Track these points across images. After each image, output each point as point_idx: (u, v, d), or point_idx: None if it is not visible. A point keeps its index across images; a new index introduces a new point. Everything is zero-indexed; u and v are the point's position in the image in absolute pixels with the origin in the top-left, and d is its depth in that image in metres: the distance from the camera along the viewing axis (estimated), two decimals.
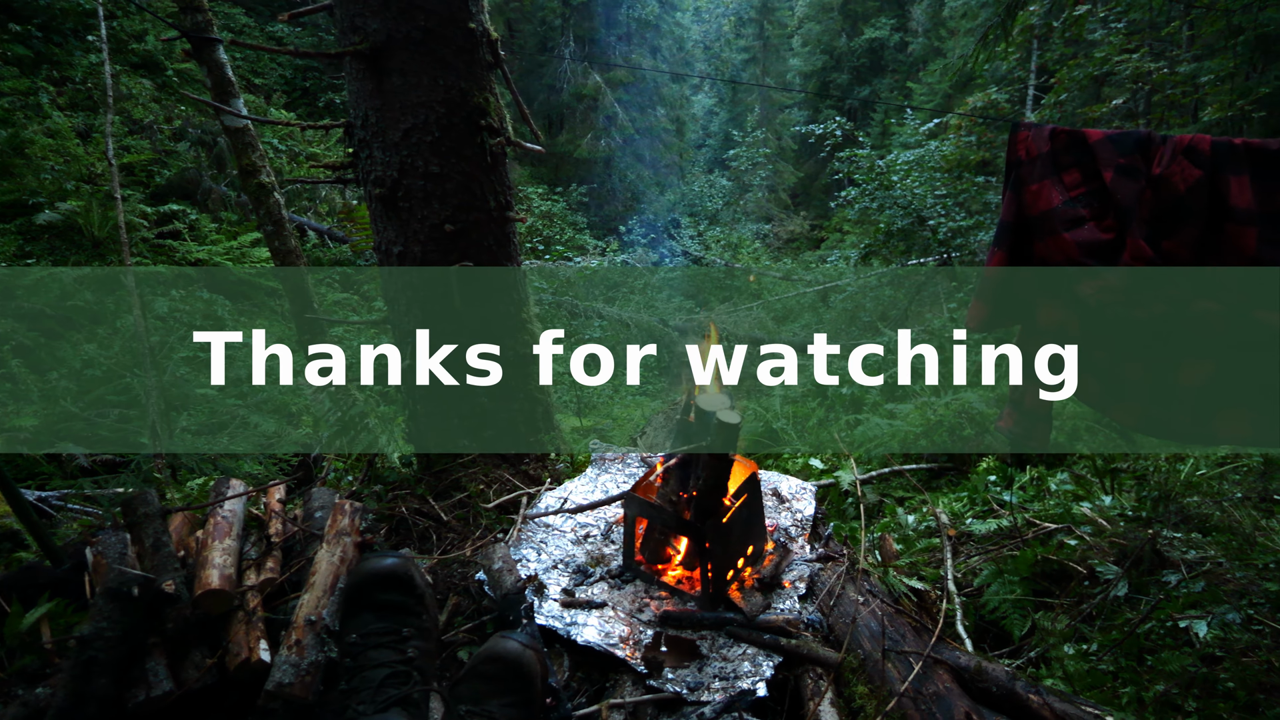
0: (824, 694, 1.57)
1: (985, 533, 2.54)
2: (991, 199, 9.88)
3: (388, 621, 1.50)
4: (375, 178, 2.06)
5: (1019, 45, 10.76)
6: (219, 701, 1.56)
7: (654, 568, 1.86)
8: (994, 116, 10.43)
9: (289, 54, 1.99)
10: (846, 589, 1.78)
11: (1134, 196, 1.73)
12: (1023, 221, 1.88)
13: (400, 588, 1.53)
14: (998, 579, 2.22)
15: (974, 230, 8.89)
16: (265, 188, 2.81)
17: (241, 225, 8.57)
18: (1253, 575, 2.08)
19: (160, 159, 8.70)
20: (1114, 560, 2.23)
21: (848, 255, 12.03)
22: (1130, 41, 8.86)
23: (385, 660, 1.43)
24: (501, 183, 2.12)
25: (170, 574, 1.62)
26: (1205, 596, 2.00)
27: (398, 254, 2.09)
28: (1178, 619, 1.94)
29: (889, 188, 9.59)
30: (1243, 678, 1.74)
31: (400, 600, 1.52)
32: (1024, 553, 2.27)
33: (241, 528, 1.80)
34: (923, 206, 9.20)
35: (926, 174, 9.64)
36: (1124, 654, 1.89)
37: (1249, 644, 1.82)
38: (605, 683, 1.63)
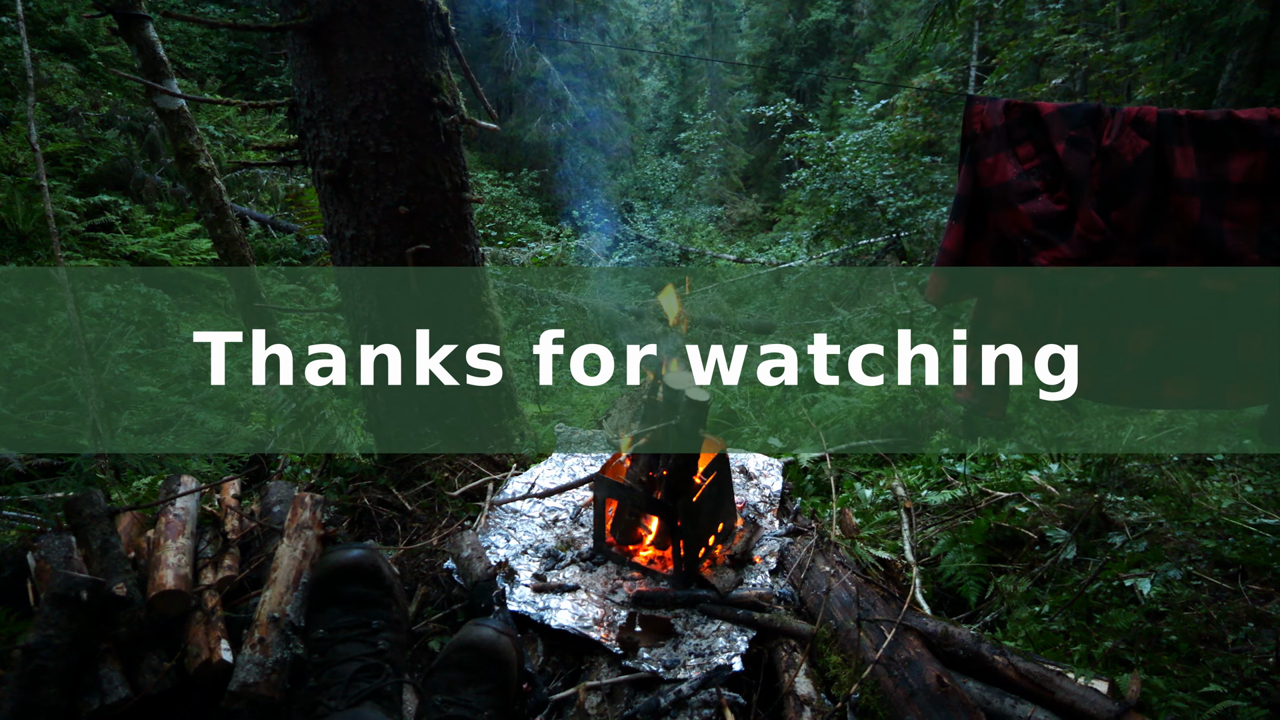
0: (799, 666, 1.58)
1: (940, 503, 2.59)
2: (938, 179, 10.09)
3: (355, 615, 1.46)
4: (324, 158, 1.98)
5: (961, 26, 10.95)
6: (179, 706, 1.50)
7: (625, 549, 1.85)
8: (952, 93, 10.62)
9: (227, 27, 1.89)
10: (817, 562, 1.80)
11: (1085, 168, 1.77)
12: (979, 194, 1.90)
13: (366, 579, 1.49)
14: (954, 548, 2.27)
15: (922, 210, 9.06)
16: (204, 173, 2.69)
17: (179, 216, 8.21)
18: (1190, 534, 2.19)
19: (88, 147, 8.26)
20: (1063, 525, 2.32)
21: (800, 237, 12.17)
22: (1068, 22, 9.09)
23: (355, 654, 1.38)
24: (456, 163, 2.05)
25: (121, 576, 1.55)
26: (1148, 556, 2.10)
27: (350, 238, 2.02)
28: (1123, 578, 2.03)
29: (839, 169, 9.70)
30: (1184, 630, 1.83)
31: (367, 592, 1.48)
32: (978, 521, 2.33)
33: (195, 526, 1.72)
34: (872, 187, 9.34)
35: (875, 155, 9.78)
36: (1074, 614, 1.96)
37: (1189, 599, 1.93)
38: (581, 665, 1.62)
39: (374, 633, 1.43)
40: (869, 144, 10.06)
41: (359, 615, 1.45)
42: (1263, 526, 2.20)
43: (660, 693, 1.50)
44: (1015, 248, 1.87)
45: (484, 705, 1.37)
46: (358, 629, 1.43)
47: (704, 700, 1.49)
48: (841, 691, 1.55)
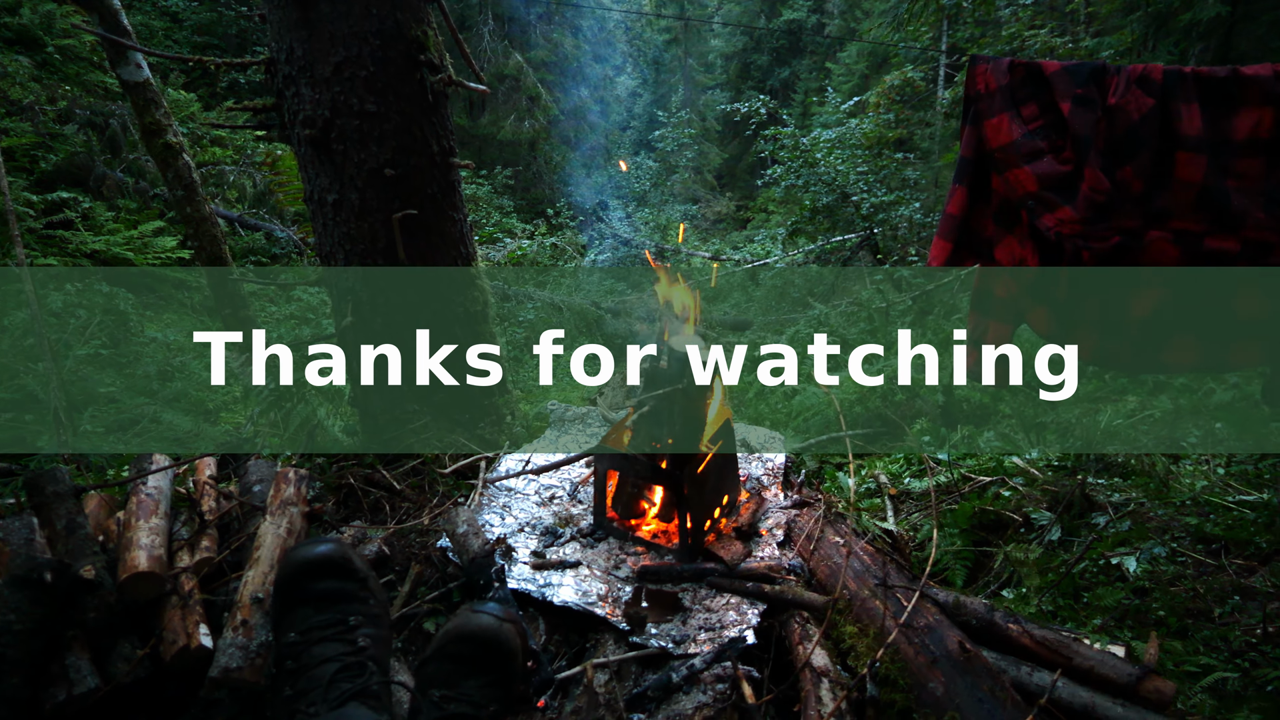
0: (814, 638, 1.52)
1: (923, 489, 2.58)
2: (910, 175, 10.19)
3: (330, 613, 1.31)
4: (304, 118, 1.87)
5: (931, 25, 11.06)
6: (155, 696, 1.40)
7: (627, 524, 1.77)
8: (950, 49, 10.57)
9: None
10: (826, 533, 1.74)
11: (1090, 126, 1.74)
12: (982, 156, 1.86)
13: (338, 573, 1.35)
14: (939, 532, 2.24)
15: (895, 205, 9.14)
16: (173, 148, 2.55)
17: (142, 214, 7.96)
18: (1172, 513, 2.22)
19: (45, 142, 7.98)
20: (1046, 507, 2.33)
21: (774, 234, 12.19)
22: (1036, 19, 9.24)
23: (333, 654, 1.24)
24: (444, 125, 1.96)
25: (89, 558, 1.43)
26: (1132, 534, 2.11)
27: (332, 203, 1.91)
28: (1109, 557, 2.04)
29: (813, 164, 9.75)
30: (1172, 605, 1.84)
31: (340, 587, 1.34)
32: (962, 505, 2.32)
33: (169, 506, 1.61)
34: (846, 183, 9.39)
35: (848, 151, 9.84)
36: (1061, 594, 1.96)
37: (1175, 575, 1.94)
38: (585, 643, 1.54)
39: (352, 630, 1.29)
40: (842, 140, 10.13)
41: (334, 613, 1.31)
42: (1242, 503, 2.23)
43: (671, 668, 1.43)
44: (1019, 210, 1.84)
45: (488, 698, 1.26)
46: (333, 627, 1.29)
47: (717, 675, 1.42)
48: (859, 661, 1.50)
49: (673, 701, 1.38)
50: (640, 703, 1.40)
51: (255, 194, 9.40)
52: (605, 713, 1.36)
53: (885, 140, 10.44)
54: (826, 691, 1.41)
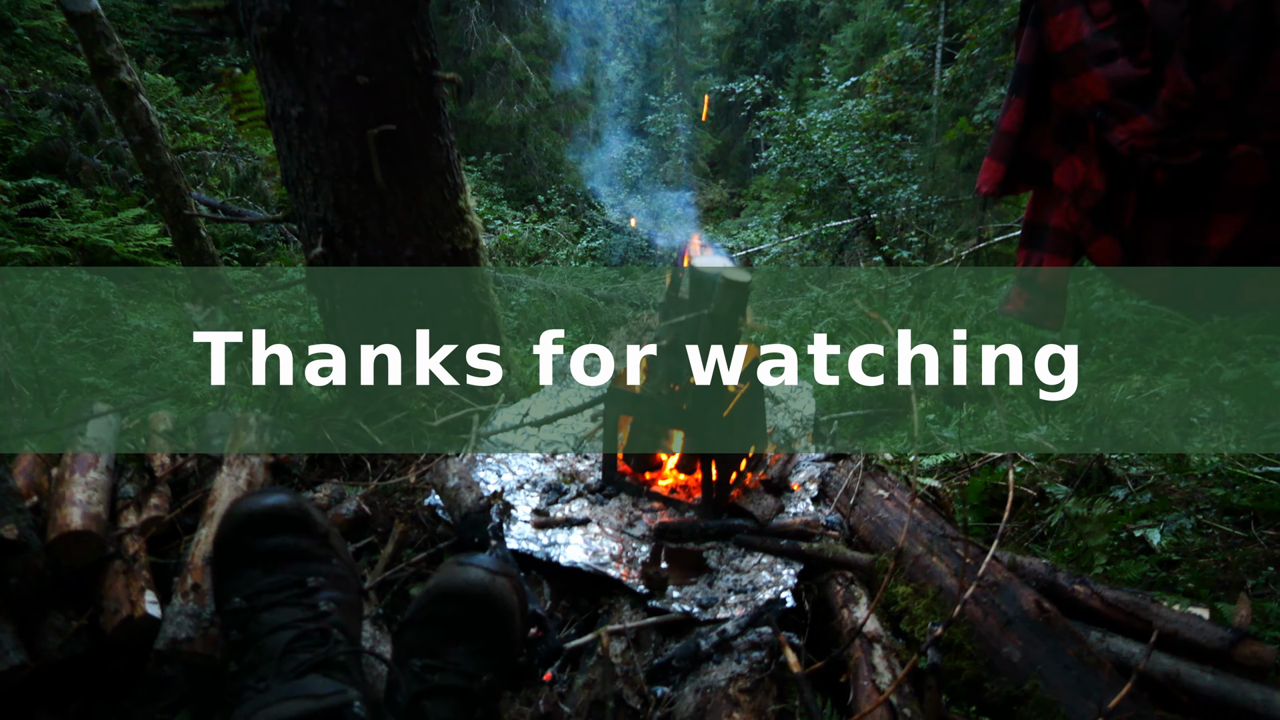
0: (858, 600, 1.32)
1: (931, 466, 2.46)
2: (907, 157, 10.01)
3: (282, 574, 1.06)
4: (261, 14, 1.62)
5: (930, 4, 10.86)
6: (95, 672, 1.18)
7: (642, 477, 1.56)
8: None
9: None
10: (867, 486, 1.54)
11: (1174, 21, 1.52)
12: (1044, 62, 1.65)
13: (292, 527, 1.10)
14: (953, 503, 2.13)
15: (892, 188, 8.97)
16: (126, 88, 2.32)
17: (121, 200, 7.70)
18: (1195, 485, 2.14)
19: (17, 127, 7.71)
20: (1062, 480, 2.24)
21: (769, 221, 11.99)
22: None
23: (288, 620, 1.00)
24: (425, 30, 1.72)
25: (10, 516, 1.21)
26: (1154, 507, 2.02)
27: (297, 117, 1.67)
28: (1131, 529, 1.93)
29: (809, 147, 9.57)
30: (1202, 578, 1.75)
31: (295, 544, 1.09)
32: (974, 481, 2.22)
33: (113, 460, 1.40)
34: (842, 165, 9.22)
35: (845, 134, 9.66)
36: (1081, 568, 1.84)
37: (1203, 546, 1.85)
38: (597, 609, 1.33)
39: (311, 592, 1.05)
40: (839, 123, 9.95)
41: (286, 573, 1.07)
42: (1269, 474, 2.11)
43: (699, 634, 1.23)
44: (1086, 123, 1.63)
45: (480, 667, 1.02)
46: (287, 589, 1.04)
47: (751, 642, 1.22)
48: (914, 626, 1.30)
49: (702, 672, 1.18)
50: (663, 674, 1.19)
51: (238, 179, 9.15)
52: (623, 685, 1.16)
53: (882, 123, 10.25)
54: (880, 659, 1.21)
